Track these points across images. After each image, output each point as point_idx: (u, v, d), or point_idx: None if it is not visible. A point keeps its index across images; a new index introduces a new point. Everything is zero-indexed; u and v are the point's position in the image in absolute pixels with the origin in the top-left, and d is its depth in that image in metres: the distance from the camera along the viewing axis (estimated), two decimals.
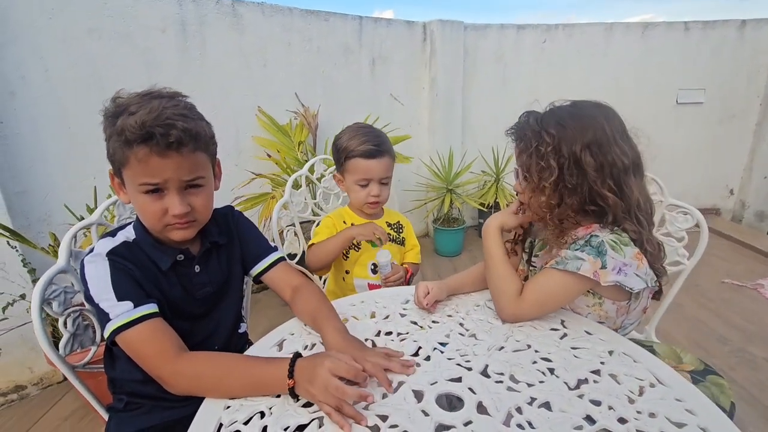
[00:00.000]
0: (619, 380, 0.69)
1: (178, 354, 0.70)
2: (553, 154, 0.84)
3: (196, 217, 0.78)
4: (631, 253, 0.82)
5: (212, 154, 0.81)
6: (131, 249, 0.78)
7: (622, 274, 0.80)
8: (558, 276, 0.84)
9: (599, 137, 0.83)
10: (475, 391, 0.67)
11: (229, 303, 0.92)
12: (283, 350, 0.81)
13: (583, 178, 0.84)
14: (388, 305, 0.97)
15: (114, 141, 0.70)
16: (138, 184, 0.71)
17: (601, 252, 0.81)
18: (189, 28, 2.15)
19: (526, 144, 0.88)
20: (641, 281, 0.82)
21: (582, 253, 0.82)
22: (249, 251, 0.95)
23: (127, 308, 0.70)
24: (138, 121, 0.66)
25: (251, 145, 2.46)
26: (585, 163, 0.82)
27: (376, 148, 1.17)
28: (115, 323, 0.69)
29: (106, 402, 0.89)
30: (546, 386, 0.68)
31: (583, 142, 0.83)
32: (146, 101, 0.69)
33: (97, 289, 0.71)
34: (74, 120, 1.87)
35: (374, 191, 1.20)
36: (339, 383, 0.61)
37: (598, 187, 0.83)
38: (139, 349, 0.71)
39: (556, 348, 0.78)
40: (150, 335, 0.70)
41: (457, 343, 0.81)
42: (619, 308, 0.89)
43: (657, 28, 3.42)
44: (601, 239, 0.82)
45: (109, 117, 0.70)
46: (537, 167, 0.86)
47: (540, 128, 0.86)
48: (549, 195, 0.85)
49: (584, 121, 0.85)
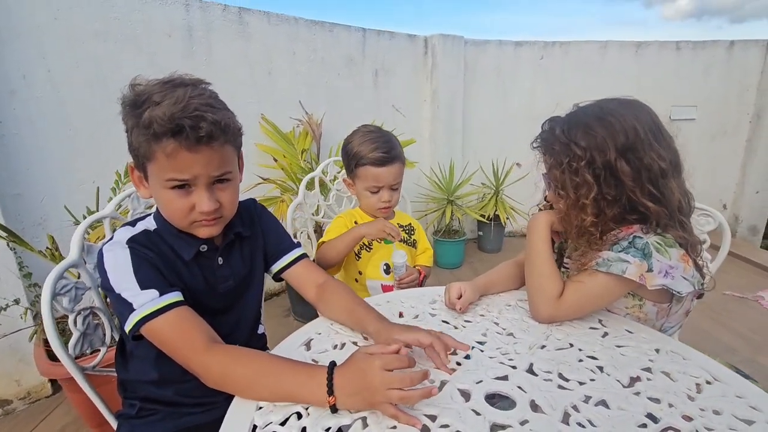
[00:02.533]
0: (674, 378, 0.66)
1: (209, 346, 0.64)
2: (587, 167, 0.79)
3: (223, 213, 0.74)
4: (677, 255, 0.77)
5: (239, 146, 0.77)
6: (152, 238, 0.73)
7: (669, 277, 0.76)
8: (602, 278, 0.79)
9: (632, 140, 0.78)
10: (525, 389, 0.63)
11: (250, 300, 0.87)
12: (311, 350, 0.76)
13: (622, 187, 0.79)
14: (415, 305, 0.93)
15: (138, 134, 0.65)
16: (164, 180, 0.67)
17: (647, 254, 0.77)
18: (195, 33, 2.13)
19: (557, 159, 0.83)
20: (689, 284, 0.77)
21: (627, 255, 0.78)
22: (271, 246, 0.90)
23: (152, 296, 0.65)
24: (166, 113, 0.62)
25: (254, 152, 2.43)
26: (621, 171, 0.78)
27: (387, 155, 1.14)
28: (141, 312, 0.64)
29: (114, 409, 0.82)
30: (598, 384, 0.64)
31: (616, 148, 0.78)
32: (169, 90, 0.65)
33: (118, 278, 0.66)
34: (76, 122, 1.82)
35: (385, 197, 1.18)
36: (401, 393, 0.55)
37: (638, 197, 0.79)
38: (168, 339, 0.65)
39: (601, 346, 0.75)
40: (179, 324, 0.65)
41: (496, 342, 0.77)
42: (660, 311, 0.85)
43: (650, 47, 3.52)
44: (646, 241, 0.78)
45: (130, 106, 0.66)
46: (572, 183, 0.81)
47: (568, 140, 0.81)
48: (591, 211, 0.81)
49: (613, 125, 0.79)
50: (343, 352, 0.75)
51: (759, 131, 3.58)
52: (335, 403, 0.57)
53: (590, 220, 0.81)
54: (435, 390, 0.59)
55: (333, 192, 1.45)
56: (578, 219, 0.83)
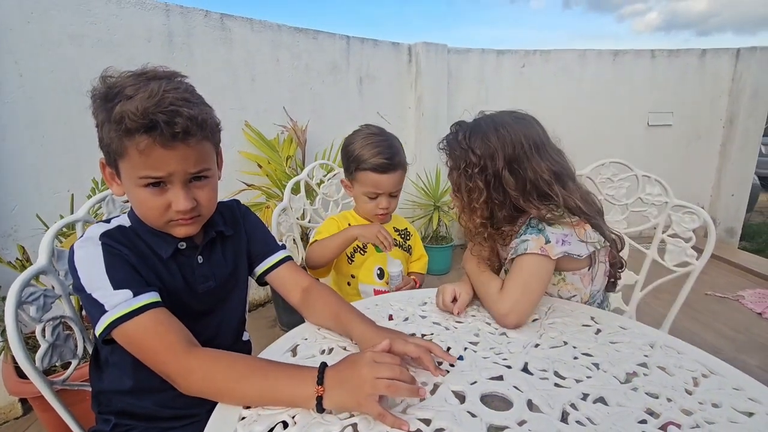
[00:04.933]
0: (670, 372, 0.65)
1: (188, 349, 0.60)
2: (480, 174, 0.86)
3: (201, 212, 0.71)
4: (569, 224, 0.84)
5: (217, 142, 0.74)
6: (127, 234, 0.69)
7: (567, 244, 0.83)
8: (518, 263, 0.84)
9: (518, 152, 0.86)
10: (521, 389, 0.61)
11: (233, 303, 0.83)
12: (298, 355, 0.72)
13: (507, 194, 0.88)
14: (405, 307, 0.90)
15: (109, 129, 0.61)
16: (138, 177, 0.63)
17: (541, 230, 0.84)
18: (176, 39, 2.10)
19: (456, 163, 0.90)
20: (586, 246, 0.85)
21: (525, 235, 0.85)
22: (255, 247, 0.87)
23: (125, 297, 0.61)
24: (139, 107, 0.58)
25: (237, 159, 2.38)
26: (505, 181, 0.86)
27: (389, 162, 1.11)
28: (113, 314, 0.60)
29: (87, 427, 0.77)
30: (596, 381, 0.63)
31: (504, 158, 0.86)
32: (143, 83, 0.61)
33: (90, 277, 0.62)
34: (49, 128, 1.75)
35: (383, 204, 1.14)
36: (389, 381, 0.53)
37: (521, 203, 0.87)
38: (142, 343, 0.61)
39: (595, 343, 0.73)
40: (155, 327, 0.61)
41: (489, 342, 0.75)
42: (583, 277, 0.91)
43: (626, 56, 3.62)
44: (538, 220, 0.86)
45: (101, 99, 0.62)
46: (466, 187, 0.88)
47: (468, 147, 0.88)
48: (480, 214, 0.89)
49: (505, 137, 0.86)
50: (331, 357, 0.71)
51: (732, 136, 3.70)
52: (323, 396, 0.55)
53: (479, 222, 0.89)
54: (424, 391, 0.58)
55: (319, 196, 1.42)
56: (470, 220, 0.91)
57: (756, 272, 3.01)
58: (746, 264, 3.12)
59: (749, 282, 2.90)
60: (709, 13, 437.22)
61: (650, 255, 1.27)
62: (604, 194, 1.36)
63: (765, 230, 4.26)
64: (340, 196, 1.46)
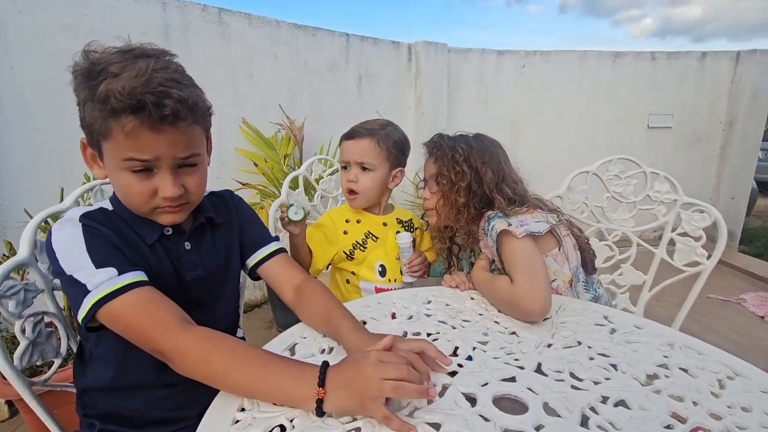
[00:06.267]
0: (693, 374, 0.61)
1: (183, 326, 0.56)
2: (465, 163, 1.00)
3: (189, 199, 0.67)
4: (520, 212, 0.94)
5: (208, 127, 0.70)
6: (110, 217, 0.65)
7: (525, 224, 0.89)
8: (502, 248, 0.89)
9: (497, 158, 1.04)
10: (536, 390, 0.57)
11: (225, 295, 0.78)
12: (296, 354, 0.68)
13: (481, 184, 1.00)
14: (408, 306, 0.86)
15: (93, 108, 0.57)
16: (122, 160, 0.59)
17: (501, 217, 0.92)
18: (172, 33, 2.06)
19: (443, 153, 1.03)
20: (543, 224, 0.92)
21: (489, 225, 0.92)
22: (248, 238, 0.83)
23: (109, 275, 0.56)
24: (126, 87, 0.54)
25: (234, 157, 2.34)
26: (484, 173, 1.00)
27: (356, 129, 1.10)
28: (98, 293, 0.55)
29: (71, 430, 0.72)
30: (615, 383, 0.59)
31: (483, 159, 1.01)
32: (129, 61, 0.57)
33: (69, 257, 0.58)
34: (41, 121, 1.71)
35: (351, 175, 1.09)
36: (396, 382, 0.49)
37: (492, 191, 0.99)
38: (133, 321, 0.56)
39: (611, 343, 0.70)
40: (145, 304, 0.57)
41: (499, 341, 0.71)
42: (556, 257, 0.97)
43: (626, 57, 3.61)
44: (495, 213, 0.94)
45: (83, 76, 0.58)
46: (454, 171, 1.01)
47: (454, 143, 1.03)
48: (463, 195, 1.00)
49: (485, 146, 1.04)
50: (331, 357, 0.67)
51: (731, 139, 3.69)
52: (323, 399, 0.50)
53: (462, 201, 1.00)
54: (434, 391, 0.53)
55: (318, 192, 1.37)
56: (453, 200, 1.01)
57: (757, 275, 2.99)
58: (747, 267, 3.10)
59: (750, 285, 2.87)
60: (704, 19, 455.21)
61: (659, 254, 1.24)
62: (611, 191, 1.32)
63: (764, 234, 4.25)
64: (339, 192, 1.42)
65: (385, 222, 1.17)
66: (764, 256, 3.51)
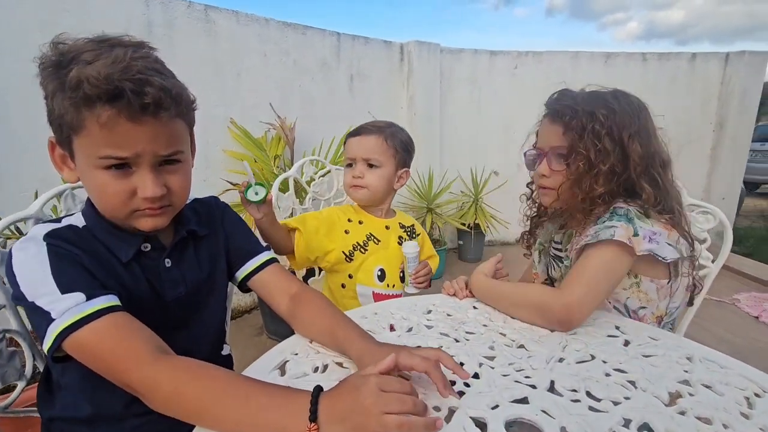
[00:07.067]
0: (717, 391, 0.56)
1: (157, 356, 0.50)
2: (608, 136, 0.78)
3: (171, 201, 0.61)
4: (658, 223, 0.76)
5: (191, 122, 0.64)
6: (80, 234, 0.58)
7: (654, 242, 0.74)
8: (595, 252, 0.74)
9: (643, 125, 0.81)
10: (552, 413, 0.52)
11: (210, 313, 0.72)
12: (287, 374, 0.62)
13: (626, 166, 0.79)
14: (408, 316, 0.80)
15: (62, 97, 0.51)
16: (98, 157, 0.53)
17: (630, 219, 0.75)
18: (156, 30, 1.98)
19: (579, 121, 0.79)
20: (673, 250, 0.75)
21: (611, 221, 0.76)
22: (236, 249, 0.76)
23: (77, 301, 0.50)
24: (102, 72, 0.48)
25: (222, 158, 2.27)
26: (632, 150, 0.79)
27: (364, 126, 1.08)
28: (63, 322, 0.49)
29: None
30: (636, 403, 0.54)
31: (631, 129, 0.79)
32: (105, 49, 0.51)
33: (31, 282, 0.51)
34: (17, 122, 1.63)
35: (356, 171, 1.05)
36: (400, 418, 0.43)
37: (637, 177, 0.79)
38: (99, 352, 0.50)
39: (626, 356, 0.65)
40: (113, 333, 0.50)
41: (507, 356, 0.65)
42: (660, 288, 0.80)
43: (618, 58, 3.61)
44: (627, 208, 0.77)
45: (52, 67, 0.52)
46: (594, 149, 0.78)
47: (592, 106, 0.79)
48: (601, 182, 0.78)
49: (630, 105, 0.82)
50: (326, 376, 0.61)
51: (722, 140, 3.72)
52: None
53: (600, 192, 0.79)
54: (441, 422, 0.47)
55: (310, 195, 1.31)
56: (588, 187, 0.80)
57: (749, 275, 2.99)
58: (739, 267, 3.11)
59: (743, 285, 2.88)
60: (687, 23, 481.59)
61: None
62: None
63: (752, 234, 4.29)
64: (332, 195, 1.36)
65: (387, 225, 1.12)
66: (754, 255, 3.53)
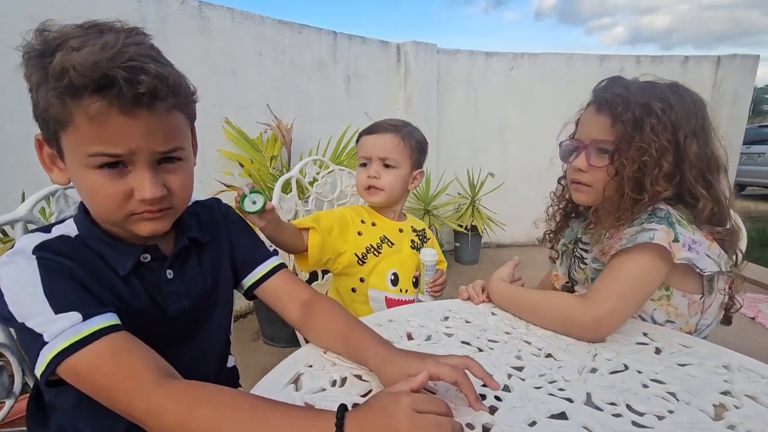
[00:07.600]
0: (763, 402, 0.53)
1: (160, 381, 0.45)
2: (665, 132, 0.71)
3: (172, 203, 0.55)
4: (699, 232, 0.71)
5: (192, 116, 0.59)
6: (72, 245, 0.53)
7: (693, 252, 0.68)
8: (630, 258, 0.69)
9: (701, 125, 0.74)
10: (595, 431, 0.48)
11: (215, 324, 0.67)
12: (302, 389, 0.57)
13: (680, 168, 0.73)
14: (425, 323, 0.76)
15: (47, 89, 0.46)
16: (88, 155, 0.48)
17: (671, 223, 0.70)
18: (149, 26, 1.87)
19: (632, 114, 0.73)
20: (713, 264, 0.70)
21: (650, 224, 0.70)
22: (241, 255, 0.71)
23: (72, 321, 0.45)
24: (89, 59, 0.43)
25: (217, 159, 2.20)
26: (689, 151, 0.72)
27: (379, 124, 1.04)
28: (57, 346, 0.44)
29: None
30: (681, 417, 0.50)
31: (689, 127, 0.73)
32: (94, 35, 0.46)
33: (21, 301, 0.46)
34: (3, 121, 1.55)
35: (371, 171, 1.01)
36: (439, 418, 0.40)
37: (691, 182, 0.73)
38: (100, 378, 0.45)
39: (661, 366, 0.61)
40: (115, 355, 0.45)
41: (537, 366, 0.62)
42: (691, 304, 0.75)
43: (612, 60, 3.63)
44: (667, 210, 0.72)
45: (37, 57, 0.47)
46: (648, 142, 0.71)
47: (647, 98, 0.73)
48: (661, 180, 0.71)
49: (690, 106, 0.75)
50: (345, 390, 0.57)
51: None
52: None
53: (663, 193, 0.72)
54: None
55: (312, 195, 1.27)
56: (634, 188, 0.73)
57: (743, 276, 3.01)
58: None
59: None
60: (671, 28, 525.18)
61: None
62: None
63: None
64: (335, 196, 1.32)
65: (401, 228, 1.08)
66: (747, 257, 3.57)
